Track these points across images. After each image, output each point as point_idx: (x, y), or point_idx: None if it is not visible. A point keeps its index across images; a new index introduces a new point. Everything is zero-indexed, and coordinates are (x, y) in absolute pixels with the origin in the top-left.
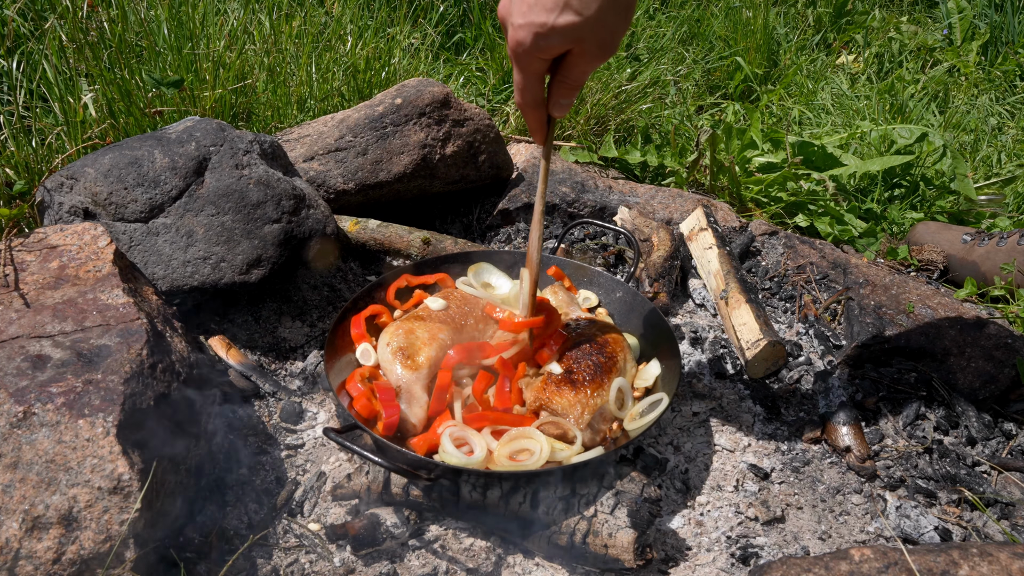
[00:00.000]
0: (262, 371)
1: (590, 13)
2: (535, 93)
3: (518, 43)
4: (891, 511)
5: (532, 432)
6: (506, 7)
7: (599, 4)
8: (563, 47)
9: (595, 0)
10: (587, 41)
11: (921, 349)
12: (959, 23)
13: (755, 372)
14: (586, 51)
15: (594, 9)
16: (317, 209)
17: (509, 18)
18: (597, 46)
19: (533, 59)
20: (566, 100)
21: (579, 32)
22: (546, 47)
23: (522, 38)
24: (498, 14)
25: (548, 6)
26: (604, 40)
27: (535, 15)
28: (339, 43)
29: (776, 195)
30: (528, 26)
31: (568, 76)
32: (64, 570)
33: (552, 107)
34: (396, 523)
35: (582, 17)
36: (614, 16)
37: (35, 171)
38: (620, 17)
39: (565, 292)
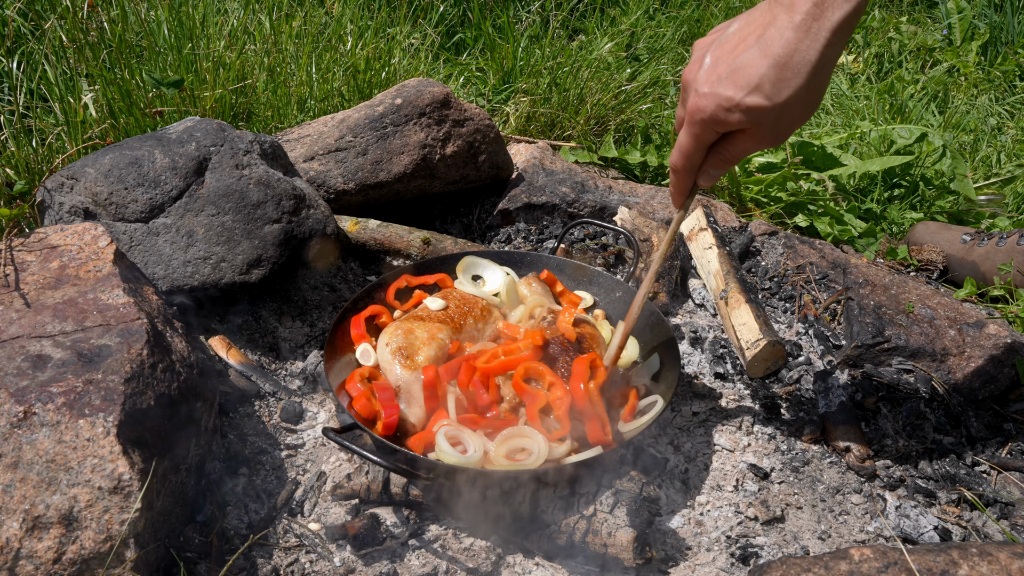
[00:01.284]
0: (262, 371)
1: (779, 100)
2: (694, 161)
3: (699, 110)
4: (891, 511)
5: (528, 431)
6: (693, 73)
7: (791, 93)
8: (741, 125)
9: (788, 88)
10: (765, 127)
11: (920, 349)
12: (959, 23)
13: (755, 372)
14: (760, 135)
15: (784, 97)
16: (317, 209)
17: (694, 84)
18: (772, 132)
19: (708, 129)
20: (717, 172)
21: (762, 116)
22: (726, 121)
23: (704, 106)
24: (683, 77)
25: (740, 83)
26: (781, 129)
27: (723, 88)
28: (339, 43)
29: (776, 195)
30: (713, 97)
31: (728, 152)
32: (64, 570)
33: (701, 176)
34: (396, 523)
35: (771, 103)
36: (800, 108)
37: (35, 171)
38: (805, 110)
39: (540, 283)
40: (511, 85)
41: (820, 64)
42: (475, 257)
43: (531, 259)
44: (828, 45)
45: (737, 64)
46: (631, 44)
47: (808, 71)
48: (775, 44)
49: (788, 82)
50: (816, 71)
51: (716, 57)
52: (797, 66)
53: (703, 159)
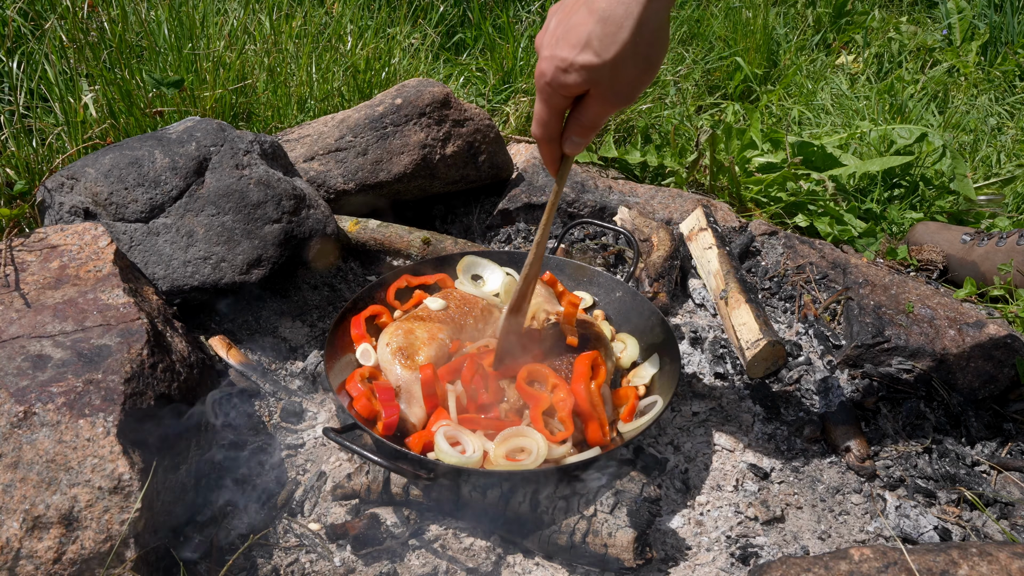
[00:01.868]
0: (262, 371)
1: (608, 57)
2: (552, 128)
3: (541, 74)
4: (891, 511)
5: (527, 431)
6: (540, 37)
7: (618, 49)
8: (581, 87)
9: (615, 45)
10: (603, 85)
11: (921, 349)
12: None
13: (755, 372)
14: (602, 95)
15: (612, 53)
16: (317, 209)
17: (540, 49)
18: (612, 92)
19: (554, 93)
20: (579, 139)
21: (596, 74)
22: (564, 83)
23: (544, 70)
24: (535, 44)
25: (572, 42)
26: (620, 88)
27: (560, 49)
28: (339, 43)
29: (776, 195)
30: (552, 59)
31: (582, 116)
32: (64, 570)
33: (565, 143)
34: (396, 522)
35: (600, 59)
36: (632, 66)
37: (35, 171)
38: (639, 69)
39: (542, 285)
40: (511, 85)
41: (644, 17)
42: (475, 257)
43: None
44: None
45: (570, 25)
46: None
47: (632, 25)
48: (600, 1)
49: (614, 37)
50: (641, 25)
51: (557, 20)
52: (620, 20)
53: (561, 126)
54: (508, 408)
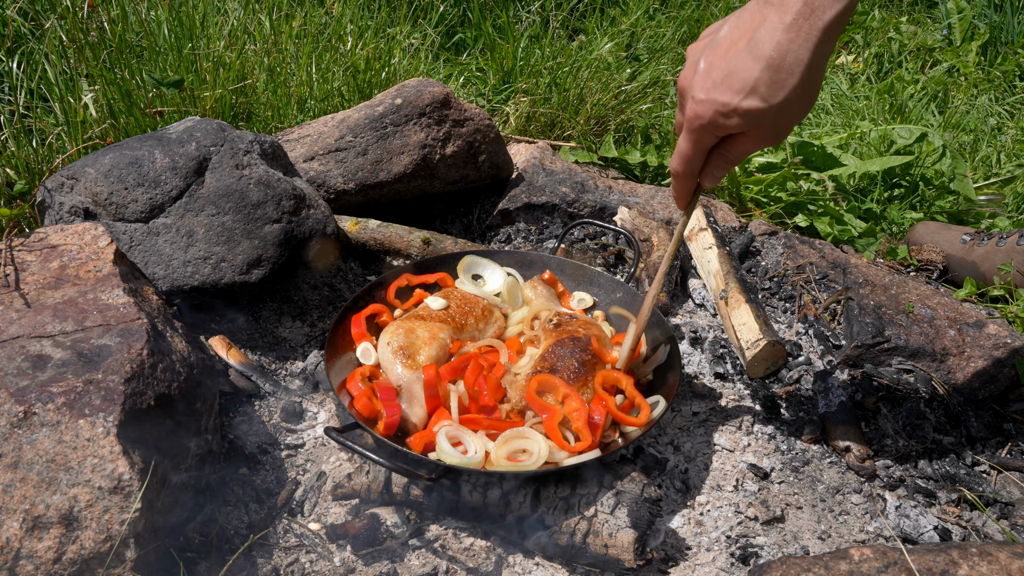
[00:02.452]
0: (262, 371)
1: (776, 101)
2: (695, 166)
3: (697, 116)
4: (891, 511)
5: (529, 432)
6: (688, 79)
7: (787, 95)
8: (740, 129)
9: (783, 89)
10: (763, 127)
11: (920, 349)
12: (959, 23)
13: (755, 372)
14: (759, 135)
15: (781, 98)
16: (317, 209)
17: (690, 91)
18: (771, 132)
19: (707, 134)
20: (719, 173)
21: (760, 118)
22: (724, 126)
23: (702, 113)
24: (678, 84)
25: (735, 87)
26: (780, 129)
27: (719, 94)
28: (339, 43)
29: (776, 195)
30: (710, 103)
31: (730, 153)
32: (64, 570)
33: (705, 177)
34: (396, 522)
35: (767, 105)
36: (797, 107)
37: (35, 171)
38: (802, 108)
39: (544, 286)
40: (511, 85)
41: (813, 63)
42: (476, 257)
43: (531, 259)
44: (820, 43)
45: (731, 68)
46: (631, 44)
47: (802, 71)
48: (766, 46)
49: (783, 83)
50: (810, 70)
51: (710, 63)
52: (791, 67)
53: (704, 162)
54: (509, 408)
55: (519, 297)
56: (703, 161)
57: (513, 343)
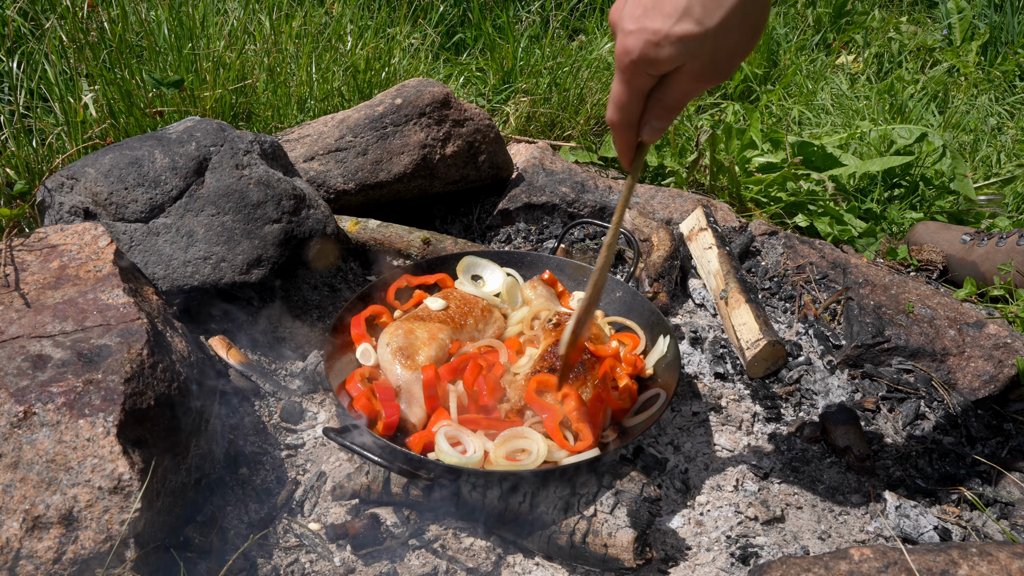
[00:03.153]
0: (262, 371)
1: (712, 24)
2: (632, 112)
3: (625, 51)
4: (890, 511)
5: (528, 432)
6: (618, 10)
7: (724, 15)
8: (675, 62)
9: (720, 9)
10: (701, 57)
11: (921, 349)
12: (959, 23)
13: (755, 372)
14: (697, 69)
15: (717, 19)
16: (317, 209)
17: (620, 23)
18: (711, 64)
19: (639, 72)
20: (660, 123)
21: (695, 45)
22: (656, 59)
23: (631, 46)
24: (609, 18)
25: (667, 11)
26: (719, 60)
27: (650, 21)
28: (339, 43)
29: (776, 195)
30: (640, 32)
31: (668, 95)
32: (64, 570)
33: (644, 129)
34: (396, 522)
35: (702, 28)
36: (738, 34)
37: (35, 171)
38: (744, 37)
39: (544, 286)
40: (511, 85)
41: None
42: (475, 257)
43: (531, 259)
44: None
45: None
46: None
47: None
48: None
49: (720, 2)
50: None
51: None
52: None
53: (642, 109)
54: (508, 408)
55: (519, 297)
56: (640, 108)
57: (513, 343)
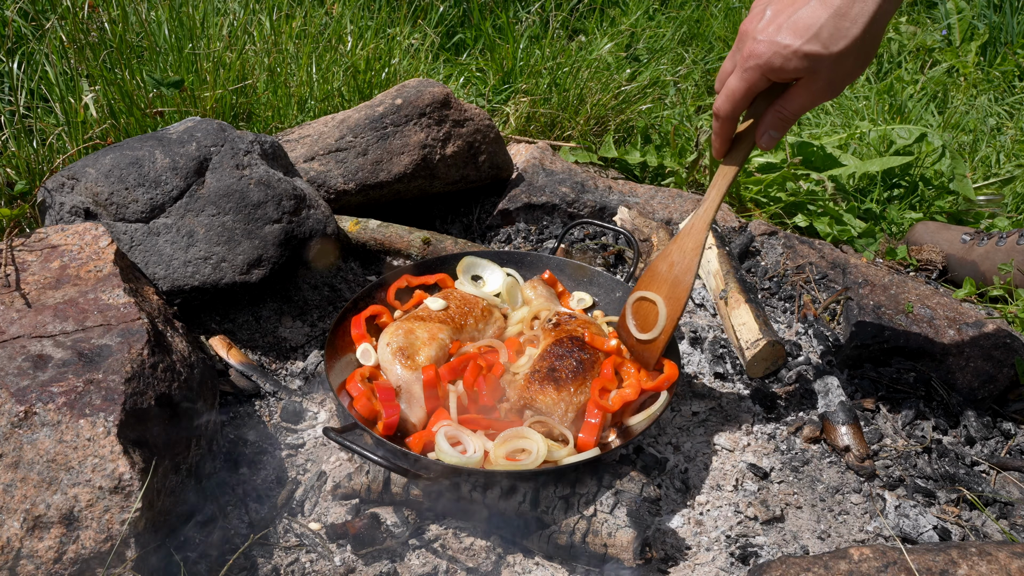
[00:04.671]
0: (262, 371)
1: (836, 50)
2: (739, 107)
3: (754, 55)
4: (890, 510)
5: (527, 432)
6: (752, 24)
7: (847, 43)
8: (795, 75)
9: (845, 38)
10: (819, 76)
11: (920, 349)
12: (958, 24)
13: (754, 372)
14: (814, 86)
15: (841, 47)
16: (317, 209)
17: (752, 32)
18: (827, 83)
19: (761, 75)
20: (776, 132)
21: (818, 64)
22: (781, 68)
23: (760, 52)
24: (740, 29)
25: (799, 30)
26: (835, 81)
27: (782, 36)
28: (339, 43)
29: (775, 195)
30: (770, 44)
31: (785, 108)
32: (65, 569)
33: (760, 137)
34: (396, 522)
35: (827, 52)
36: (854, 60)
37: (36, 171)
38: (858, 64)
39: (544, 286)
40: (511, 85)
41: (877, 15)
42: (475, 257)
43: (531, 259)
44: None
45: (797, 16)
46: (631, 44)
47: (866, 21)
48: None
49: (846, 31)
50: (872, 22)
51: (776, 10)
52: (856, 16)
53: (746, 107)
54: (508, 408)
55: (519, 297)
56: (747, 105)
57: (513, 343)
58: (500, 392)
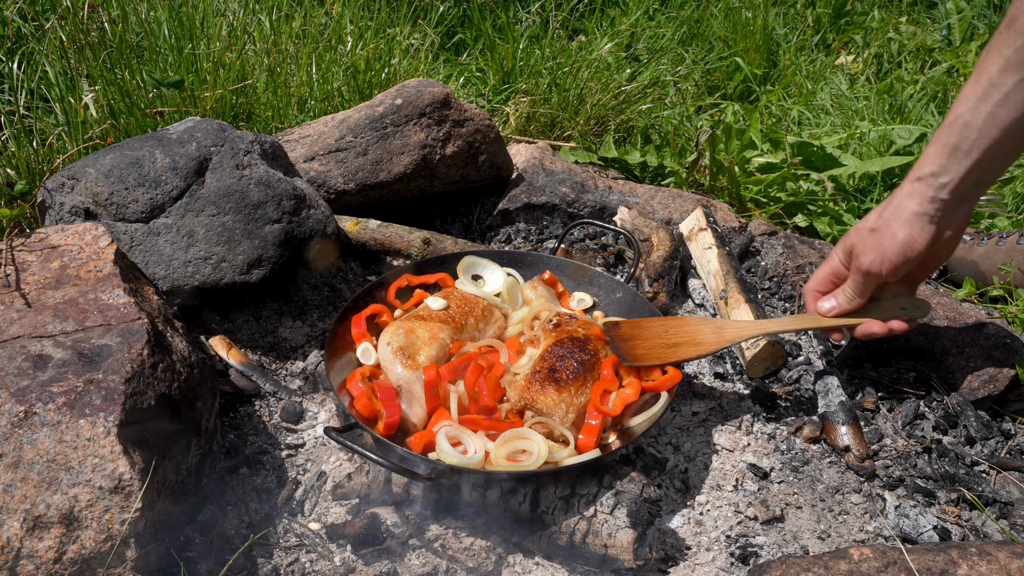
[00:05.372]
0: (263, 371)
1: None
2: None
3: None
4: (890, 510)
5: (528, 432)
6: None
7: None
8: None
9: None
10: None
11: (920, 349)
12: (958, 23)
13: (754, 372)
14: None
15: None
16: (317, 209)
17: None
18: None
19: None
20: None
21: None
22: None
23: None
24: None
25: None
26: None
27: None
28: (339, 43)
29: (775, 195)
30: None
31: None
32: (65, 569)
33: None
34: (396, 522)
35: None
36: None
37: (36, 171)
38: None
39: (545, 286)
40: (511, 85)
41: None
42: (475, 257)
43: (531, 259)
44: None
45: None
46: (631, 44)
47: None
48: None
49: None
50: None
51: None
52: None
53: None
54: (509, 408)
55: (519, 297)
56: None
57: (513, 343)
58: (501, 392)
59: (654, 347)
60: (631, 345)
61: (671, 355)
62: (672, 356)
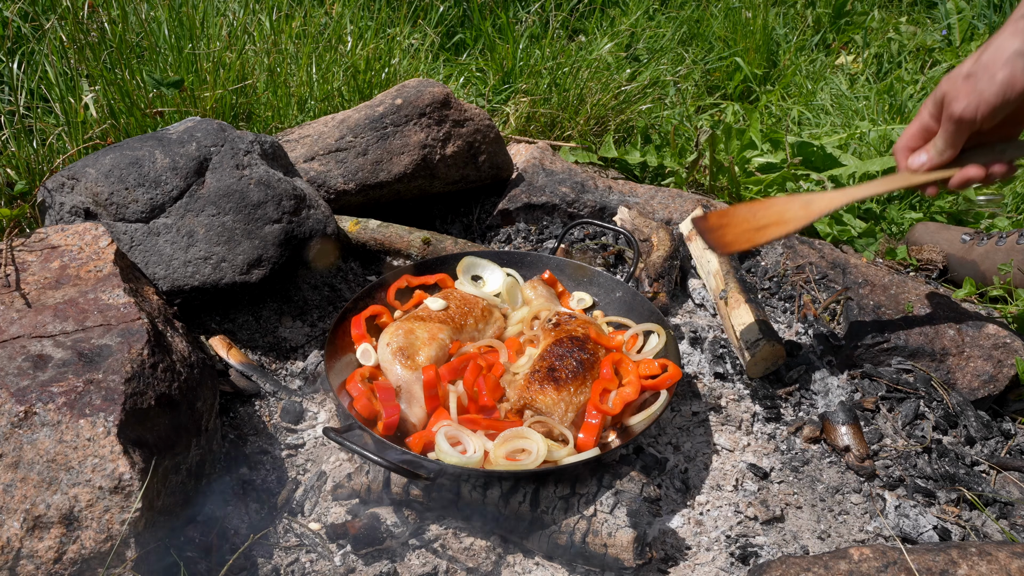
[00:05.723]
0: (263, 371)
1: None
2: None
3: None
4: (890, 510)
5: (527, 432)
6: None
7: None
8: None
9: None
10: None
11: (920, 349)
12: (958, 24)
13: (754, 372)
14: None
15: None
16: (317, 209)
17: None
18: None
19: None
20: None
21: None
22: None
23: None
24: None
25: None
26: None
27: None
28: (339, 43)
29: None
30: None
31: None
32: (65, 569)
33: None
34: (396, 522)
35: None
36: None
37: (36, 171)
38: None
39: (544, 286)
40: (511, 85)
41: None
42: (475, 257)
43: (531, 259)
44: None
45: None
46: (631, 44)
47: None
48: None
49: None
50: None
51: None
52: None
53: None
54: (508, 408)
55: (519, 297)
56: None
57: (513, 343)
58: (500, 392)
59: (743, 232)
60: (720, 234)
61: (761, 236)
62: (763, 237)
